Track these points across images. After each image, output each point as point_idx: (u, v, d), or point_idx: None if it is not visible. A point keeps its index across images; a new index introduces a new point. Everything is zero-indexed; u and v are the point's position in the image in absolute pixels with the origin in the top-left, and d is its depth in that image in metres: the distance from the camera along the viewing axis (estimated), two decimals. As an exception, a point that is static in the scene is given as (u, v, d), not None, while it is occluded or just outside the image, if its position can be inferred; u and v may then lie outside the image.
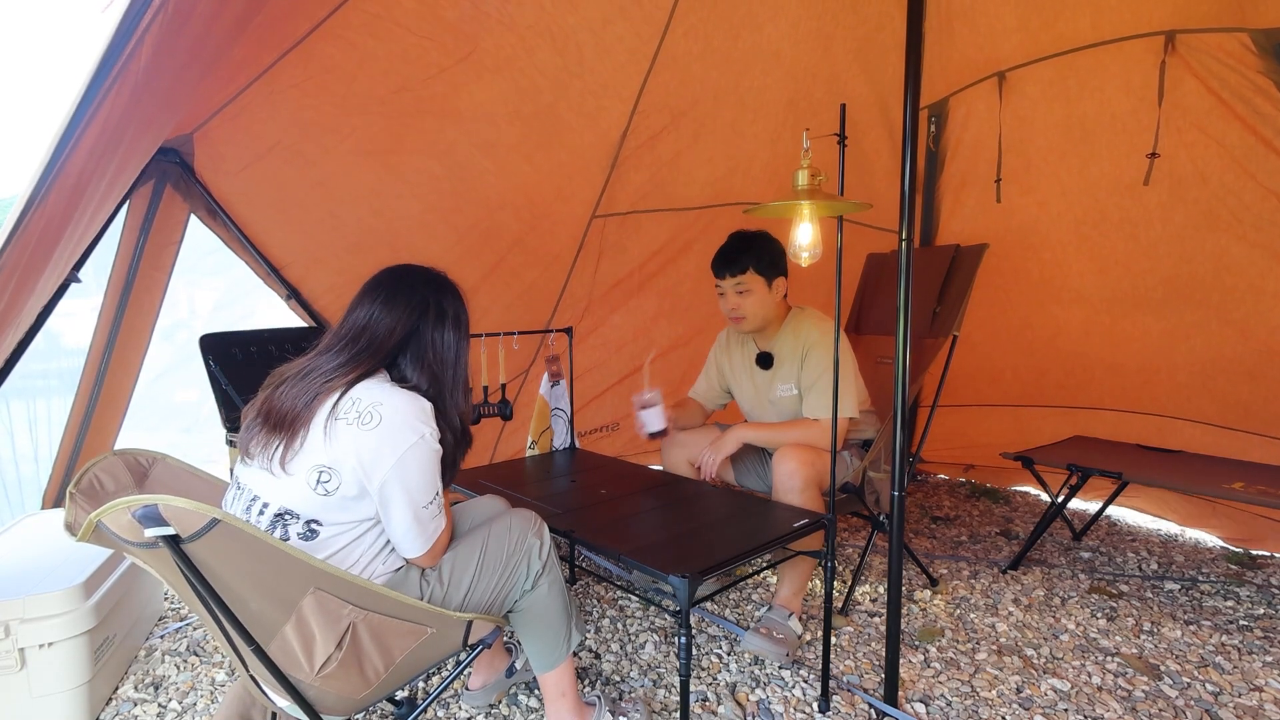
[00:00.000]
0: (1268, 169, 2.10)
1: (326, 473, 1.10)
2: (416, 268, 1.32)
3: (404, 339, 1.22)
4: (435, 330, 1.25)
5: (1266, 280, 2.30)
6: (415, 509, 1.14)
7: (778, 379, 2.06)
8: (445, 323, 1.26)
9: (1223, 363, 2.55)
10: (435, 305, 1.26)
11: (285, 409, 1.13)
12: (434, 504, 1.18)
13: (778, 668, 1.78)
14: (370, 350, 1.20)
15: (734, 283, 1.98)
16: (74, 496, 1.12)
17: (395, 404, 1.13)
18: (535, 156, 2.46)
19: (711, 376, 2.27)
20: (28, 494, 2.15)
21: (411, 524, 1.15)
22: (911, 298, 1.44)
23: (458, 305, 1.31)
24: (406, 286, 1.26)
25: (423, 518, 1.16)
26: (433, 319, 1.25)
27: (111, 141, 1.26)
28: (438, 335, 1.25)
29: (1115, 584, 2.29)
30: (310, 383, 1.15)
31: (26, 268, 1.31)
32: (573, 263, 2.86)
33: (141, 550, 0.97)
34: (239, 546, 0.96)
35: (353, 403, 1.12)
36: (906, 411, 1.50)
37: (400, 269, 1.31)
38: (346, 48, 1.92)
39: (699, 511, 1.68)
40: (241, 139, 2.08)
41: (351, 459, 1.09)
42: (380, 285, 1.27)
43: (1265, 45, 1.88)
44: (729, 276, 1.98)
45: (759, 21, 2.23)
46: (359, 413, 1.11)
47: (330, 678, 1.11)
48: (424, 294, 1.26)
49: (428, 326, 1.24)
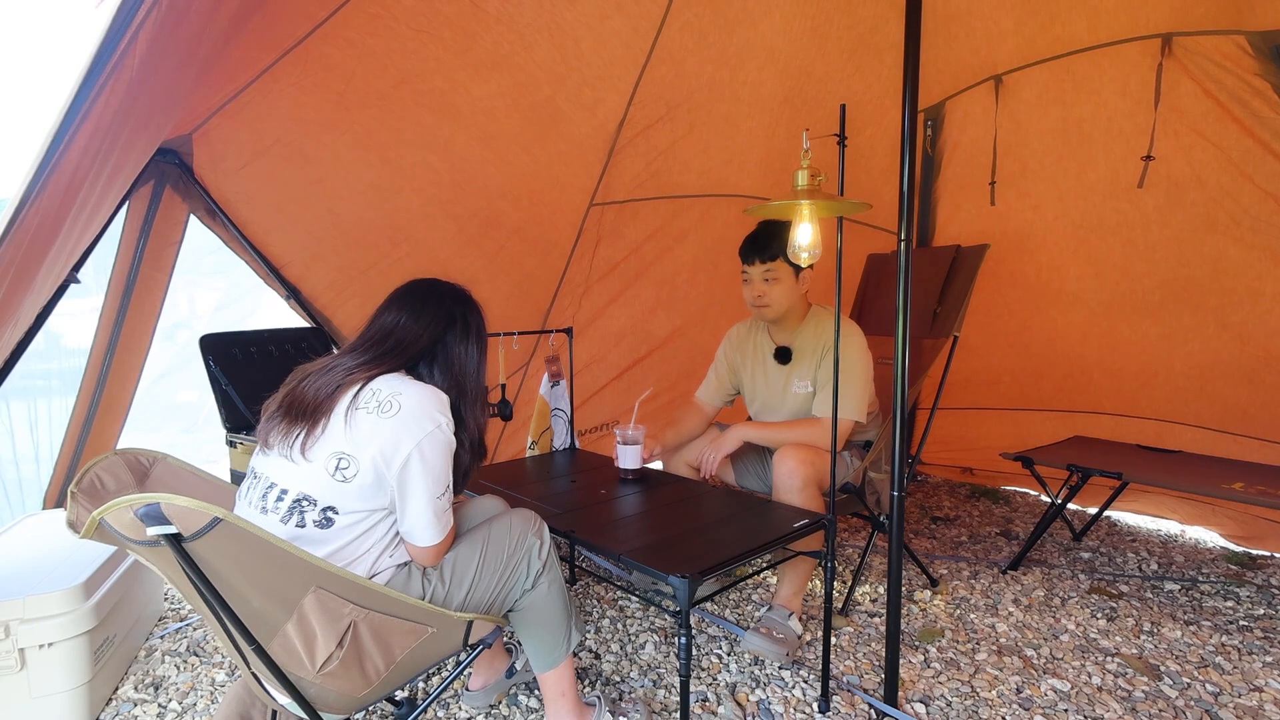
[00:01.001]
0: (1265, 171, 2.10)
1: (345, 459, 1.13)
2: (444, 282, 1.37)
3: (430, 346, 1.27)
4: (460, 342, 1.30)
5: (1264, 283, 2.31)
6: (431, 497, 1.16)
7: (794, 375, 2.03)
8: (470, 336, 1.31)
9: (1220, 367, 2.55)
10: (461, 318, 1.31)
11: (308, 399, 1.17)
12: (446, 495, 1.20)
13: (778, 668, 1.78)
14: (395, 352, 1.24)
15: (763, 269, 1.95)
16: (75, 496, 1.11)
17: (414, 393, 1.17)
18: (534, 147, 2.47)
19: (721, 373, 2.23)
20: (29, 494, 2.15)
21: (425, 510, 1.17)
22: (911, 298, 1.45)
23: (480, 321, 1.36)
24: (435, 298, 1.31)
25: (437, 508, 1.18)
26: (459, 330, 1.30)
27: (107, 140, 1.27)
28: (462, 347, 1.30)
29: (1115, 584, 2.29)
30: (333, 375, 1.19)
31: (21, 266, 1.31)
32: (571, 249, 2.87)
33: (144, 548, 0.97)
34: (241, 545, 0.96)
35: (373, 393, 1.16)
36: (906, 412, 1.50)
37: (429, 281, 1.36)
38: (345, 45, 1.93)
39: (699, 512, 1.68)
40: (240, 138, 2.08)
41: (372, 447, 1.12)
42: (410, 294, 1.32)
43: (1262, 48, 1.89)
44: (758, 263, 1.96)
45: (754, 18, 2.24)
46: (379, 402, 1.15)
47: (331, 676, 1.11)
48: (450, 306, 1.31)
49: (454, 337, 1.29)
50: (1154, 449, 2.58)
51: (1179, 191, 2.31)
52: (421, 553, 1.22)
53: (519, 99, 2.27)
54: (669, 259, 3.03)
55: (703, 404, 2.25)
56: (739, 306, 2.21)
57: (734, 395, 2.26)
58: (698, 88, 2.46)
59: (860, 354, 1.94)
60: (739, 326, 2.24)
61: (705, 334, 2.48)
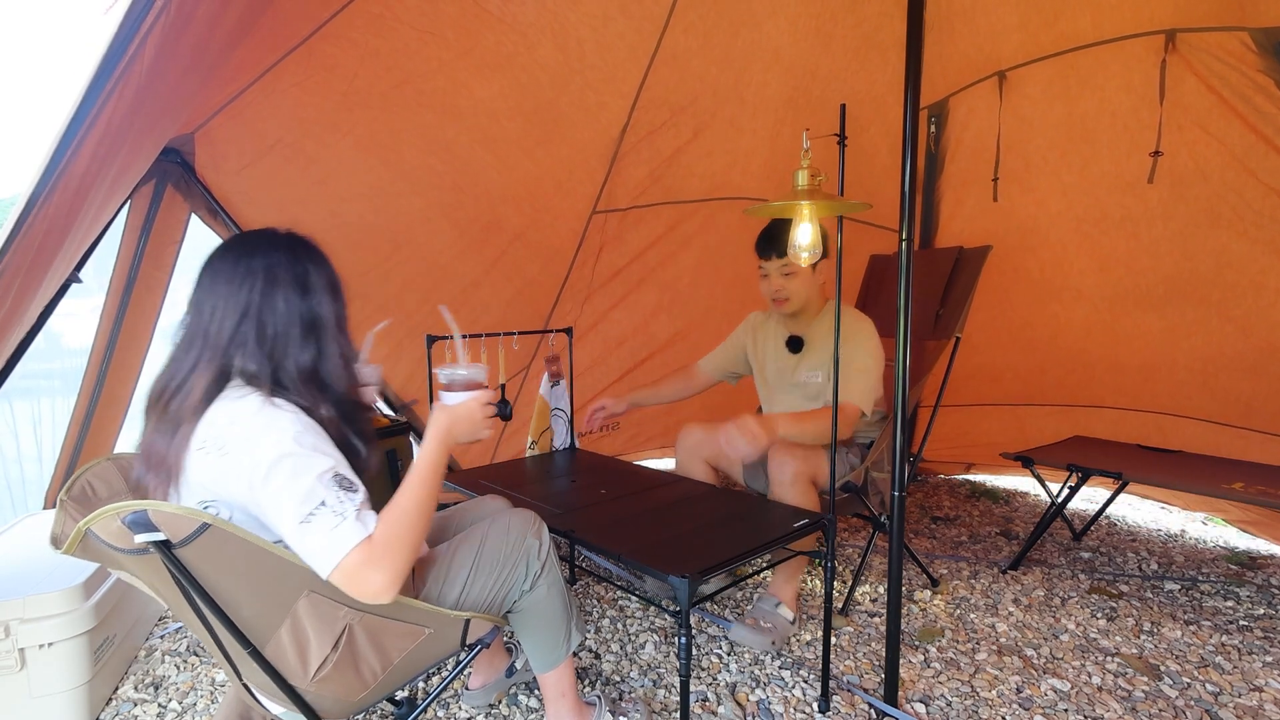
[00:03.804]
0: (1268, 166, 2.10)
1: (211, 505, 1.03)
2: (249, 234, 1.12)
3: (236, 326, 1.04)
4: (267, 301, 1.05)
5: (1268, 277, 2.30)
6: (293, 526, 0.94)
7: (804, 364, 2.06)
8: (278, 288, 1.06)
9: (1223, 360, 2.55)
10: (265, 273, 1.05)
11: (157, 451, 1.04)
12: (321, 513, 0.94)
13: (778, 668, 1.78)
14: (208, 355, 1.04)
15: (780, 264, 1.97)
16: (65, 504, 1.08)
17: (244, 422, 0.99)
18: (536, 151, 2.47)
19: (730, 351, 2.28)
20: (30, 494, 2.16)
21: (301, 543, 0.95)
22: (913, 300, 1.44)
23: (301, 265, 1.09)
24: (230, 262, 1.07)
25: (310, 532, 0.94)
26: (261, 290, 1.05)
27: (114, 143, 1.27)
28: (271, 306, 1.05)
29: (1115, 584, 2.29)
30: (170, 416, 1.04)
31: (30, 269, 1.32)
32: (573, 257, 2.86)
33: (131, 558, 0.96)
34: (231, 551, 0.95)
35: (209, 427, 1.00)
36: (907, 412, 1.50)
37: (230, 241, 1.11)
38: (348, 45, 1.93)
39: (699, 511, 1.68)
40: (242, 138, 2.08)
41: (220, 490, 1.01)
42: (205, 269, 1.08)
43: (1265, 44, 1.88)
44: (775, 258, 1.97)
45: (758, 19, 2.23)
46: (215, 441, 0.99)
47: (326, 680, 1.10)
48: (248, 265, 1.06)
49: (256, 301, 1.05)
50: (1154, 449, 2.58)
51: (1183, 186, 2.30)
52: (341, 579, 0.95)
53: (521, 101, 2.26)
54: (672, 264, 3.03)
55: (701, 371, 2.29)
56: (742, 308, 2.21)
57: (733, 375, 2.30)
58: (702, 90, 2.45)
59: (872, 347, 1.96)
60: (758, 314, 2.27)
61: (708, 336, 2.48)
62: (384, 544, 0.96)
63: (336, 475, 0.97)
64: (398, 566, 0.97)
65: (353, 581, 0.95)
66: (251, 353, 1.04)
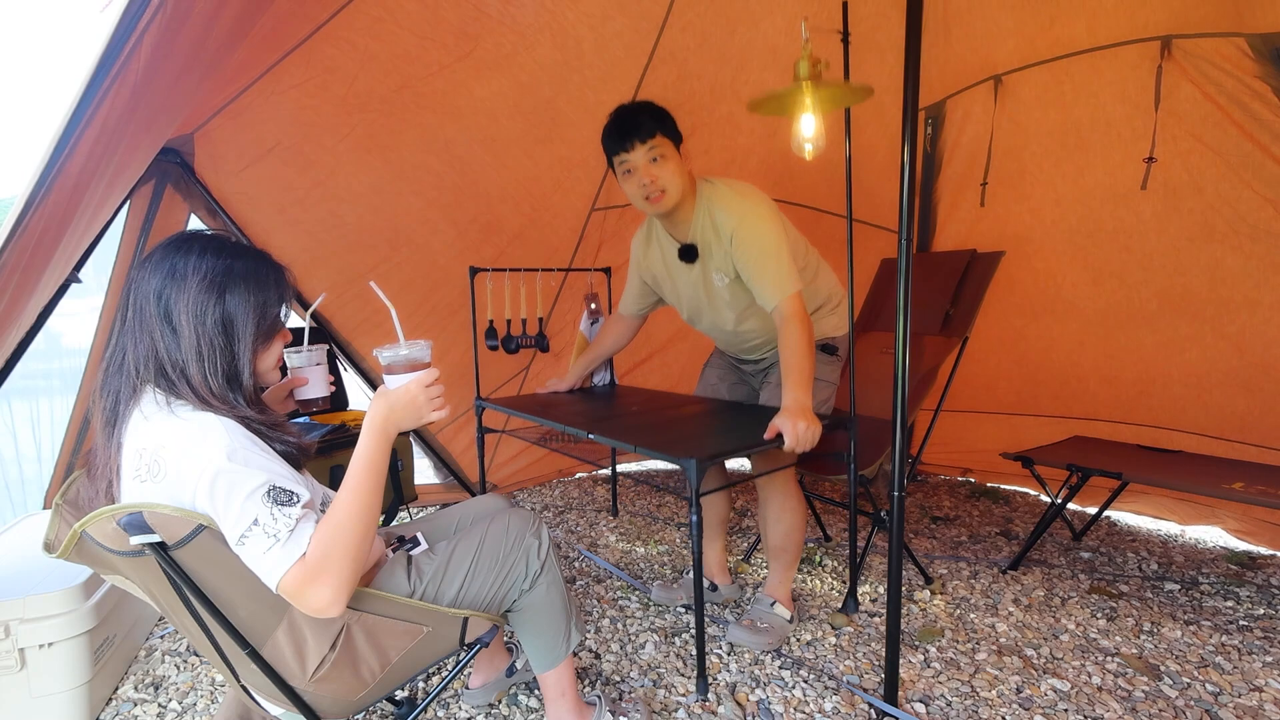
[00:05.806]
0: (1264, 176, 2.09)
1: None
2: (171, 238, 1.04)
3: (151, 335, 1.00)
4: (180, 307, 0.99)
5: (1262, 292, 2.28)
6: (234, 544, 0.93)
7: (709, 270, 1.83)
8: (187, 292, 1.00)
9: (1218, 376, 2.53)
10: (171, 273, 1.00)
11: (98, 465, 1.03)
12: (254, 533, 0.92)
13: (778, 668, 1.78)
14: (131, 365, 1.01)
15: (646, 149, 1.68)
16: (60, 508, 1.08)
17: (174, 446, 0.95)
18: (535, 151, 2.48)
19: (636, 285, 2.10)
20: (30, 493, 2.15)
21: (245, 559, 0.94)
22: (922, 299, 1.46)
23: (206, 262, 1.01)
24: (148, 270, 1.01)
25: (246, 553, 0.93)
26: (173, 295, 0.99)
27: (111, 142, 1.27)
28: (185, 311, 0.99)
29: (1115, 584, 2.29)
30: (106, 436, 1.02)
31: (27, 268, 1.32)
32: (573, 254, 2.87)
33: (126, 560, 0.96)
34: (227, 552, 0.95)
35: (138, 455, 0.97)
36: (907, 412, 1.50)
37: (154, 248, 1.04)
38: (348, 48, 1.93)
39: (717, 420, 1.81)
40: (242, 139, 2.09)
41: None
42: (127, 279, 1.04)
43: (1262, 50, 1.88)
44: (638, 144, 1.68)
45: (755, 18, 2.24)
46: (149, 469, 0.96)
47: (324, 680, 1.10)
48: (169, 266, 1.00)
49: (168, 309, 1.00)
50: (1154, 449, 2.58)
51: (1177, 199, 2.29)
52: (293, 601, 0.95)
53: (520, 100, 2.27)
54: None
55: (626, 315, 2.20)
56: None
57: (656, 302, 2.14)
58: (700, 89, 2.46)
59: (763, 219, 1.72)
60: (637, 238, 2.04)
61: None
62: (319, 561, 0.94)
63: (272, 490, 0.94)
64: (339, 580, 0.95)
65: (297, 599, 0.94)
66: (169, 360, 1.00)
